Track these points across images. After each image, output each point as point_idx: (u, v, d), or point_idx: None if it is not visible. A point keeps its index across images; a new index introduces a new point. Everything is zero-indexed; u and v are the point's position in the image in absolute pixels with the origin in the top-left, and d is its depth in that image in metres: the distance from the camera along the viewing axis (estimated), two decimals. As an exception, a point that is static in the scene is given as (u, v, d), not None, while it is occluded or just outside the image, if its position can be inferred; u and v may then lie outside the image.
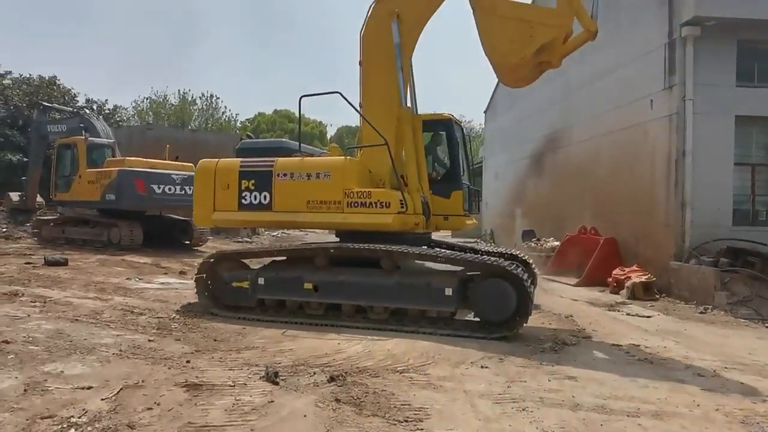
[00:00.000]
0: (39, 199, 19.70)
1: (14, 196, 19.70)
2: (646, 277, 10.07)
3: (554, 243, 13.93)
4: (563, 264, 12.71)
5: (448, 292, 6.54)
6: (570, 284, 11.39)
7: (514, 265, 6.65)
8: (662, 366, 5.52)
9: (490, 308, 6.53)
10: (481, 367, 5.26)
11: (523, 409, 4.14)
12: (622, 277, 10.35)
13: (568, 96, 15.53)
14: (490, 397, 4.39)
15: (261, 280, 7.37)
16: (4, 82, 28.67)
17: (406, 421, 3.85)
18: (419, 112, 8.18)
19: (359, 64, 8.03)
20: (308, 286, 7.13)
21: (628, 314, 8.42)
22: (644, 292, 9.75)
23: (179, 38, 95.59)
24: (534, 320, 7.63)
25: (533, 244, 14.69)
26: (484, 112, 25.24)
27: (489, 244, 22.19)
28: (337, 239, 8.01)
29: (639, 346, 6.34)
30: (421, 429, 3.73)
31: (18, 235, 17.72)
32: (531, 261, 8.57)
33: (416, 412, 4.02)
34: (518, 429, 3.79)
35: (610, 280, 10.68)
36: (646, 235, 11.17)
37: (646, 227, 11.20)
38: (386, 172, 7.63)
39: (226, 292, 7.57)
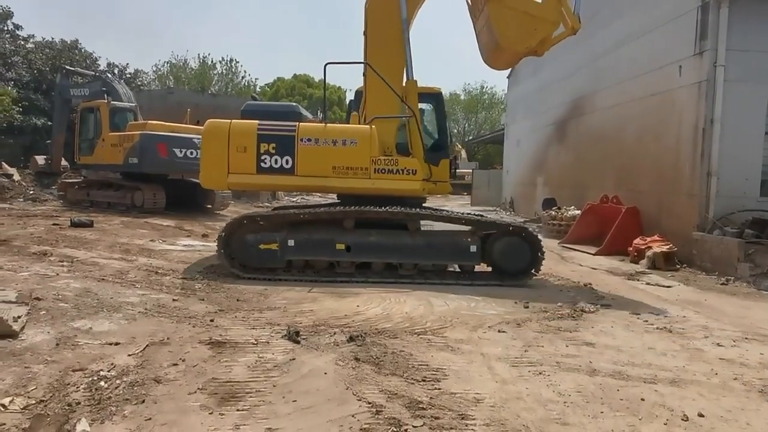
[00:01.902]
0: (63, 162, 20.01)
1: (40, 159, 20.03)
2: (668, 247, 9.96)
3: (575, 212, 13.81)
4: (583, 233, 12.63)
5: (473, 248, 7.64)
6: (590, 253, 11.33)
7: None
8: (681, 335, 5.51)
9: (508, 262, 7.66)
10: (499, 331, 5.31)
11: (540, 373, 4.19)
12: (643, 247, 10.26)
13: (593, 62, 15.14)
14: (507, 361, 4.45)
15: (291, 242, 7.53)
16: (27, 46, 28.84)
17: (424, 380, 3.93)
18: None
19: (363, 34, 8.32)
20: (340, 246, 7.56)
21: (648, 284, 8.37)
22: (665, 262, 9.66)
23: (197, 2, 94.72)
24: (552, 287, 7.66)
25: (554, 213, 14.57)
26: (507, 77, 24.77)
27: (508, 213, 22.14)
28: (339, 201, 8.59)
29: (658, 315, 6.33)
30: (439, 388, 3.80)
31: (44, 197, 18.11)
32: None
33: (434, 373, 4.09)
34: (535, 392, 3.84)
35: (631, 249, 10.59)
36: (669, 204, 11.00)
37: (669, 197, 11.02)
38: (392, 142, 8.22)
39: (252, 255, 7.59)
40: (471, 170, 34.27)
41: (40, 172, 19.94)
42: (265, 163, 7.80)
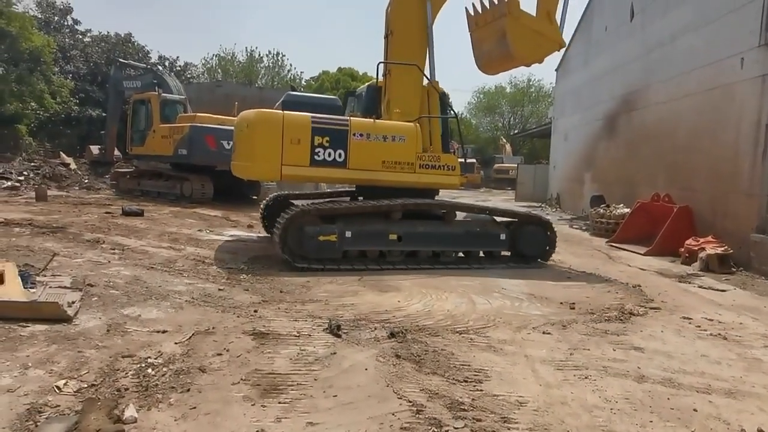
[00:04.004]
0: (117, 152, 20.75)
1: (94, 149, 20.86)
2: (723, 248, 9.52)
3: (624, 210, 13.37)
4: (633, 232, 12.22)
5: (503, 236, 8.67)
6: (639, 253, 10.95)
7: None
8: (737, 343, 5.25)
9: (529, 246, 8.83)
10: (543, 332, 5.19)
11: (586, 377, 4.07)
12: (696, 248, 9.84)
13: (647, 54, 14.57)
14: (551, 363, 4.34)
15: (348, 233, 7.75)
16: (84, 40, 29.98)
17: (466, 381, 3.88)
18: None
19: (385, 38, 8.97)
20: (393, 236, 8.05)
21: (700, 287, 8.02)
22: (719, 265, 9.23)
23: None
24: (599, 288, 7.45)
25: (602, 210, 14.16)
26: (555, 70, 24.15)
27: (554, 210, 21.65)
28: (356, 193, 9.41)
29: (712, 320, 6.05)
30: (481, 390, 3.74)
31: (98, 186, 18.83)
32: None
33: (476, 373, 4.03)
34: (580, 396, 3.73)
35: (683, 250, 10.18)
36: (725, 204, 10.50)
37: (725, 196, 10.52)
38: (428, 139, 8.90)
39: (312, 246, 7.64)
40: (516, 165, 33.67)
41: (94, 162, 20.77)
42: (319, 156, 7.96)
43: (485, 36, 8.92)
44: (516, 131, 54.72)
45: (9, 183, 16.71)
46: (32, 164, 19.01)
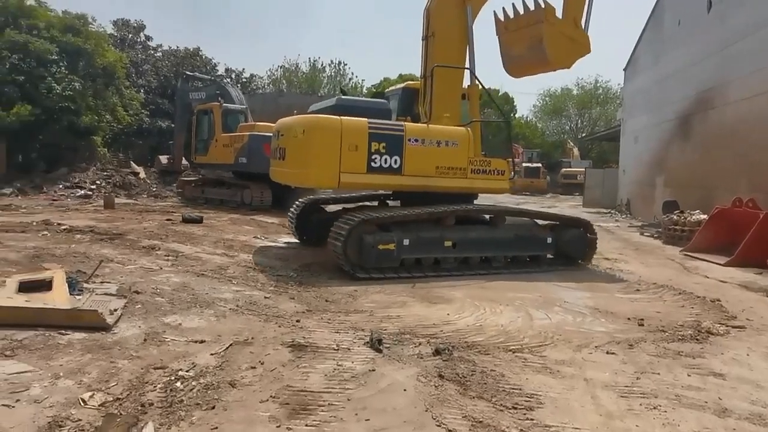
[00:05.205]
0: (184, 161, 21.49)
1: (163, 158, 21.71)
2: (819, 259, 8.51)
3: (701, 216, 12.33)
4: (710, 240, 11.21)
5: (549, 240, 8.76)
6: (718, 263, 10.00)
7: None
8: (841, 370, 4.53)
9: (572, 248, 8.93)
10: (607, 352, 4.66)
11: (655, 407, 3.56)
12: (787, 259, 8.86)
13: (726, 47, 13.48)
14: (614, 389, 3.85)
15: (406, 242, 7.59)
16: (156, 54, 31.42)
17: (515, 408, 3.47)
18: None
19: (423, 39, 8.91)
20: (448, 243, 7.94)
21: (793, 302, 7.14)
22: (815, 278, 8.25)
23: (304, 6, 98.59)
24: (672, 303, 6.77)
25: (675, 217, 13.14)
26: (624, 69, 22.96)
27: (624, 216, 20.48)
28: (392, 198, 9.34)
29: (808, 342, 5.29)
30: (531, 419, 3.33)
31: (165, 194, 19.53)
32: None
33: (527, 399, 3.61)
34: (647, 431, 3.24)
35: (771, 261, 9.20)
36: (822, 210, 9.42)
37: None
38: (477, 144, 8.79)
39: (371, 255, 7.39)
40: (583, 169, 32.29)
41: (163, 171, 21.61)
42: (375, 163, 7.80)
43: (516, 40, 9.05)
44: (584, 134, 52.87)
45: (82, 192, 17.58)
46: (105, 173, 19.96)
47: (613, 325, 5.59)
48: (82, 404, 3.32)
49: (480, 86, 8.95)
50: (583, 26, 8.76)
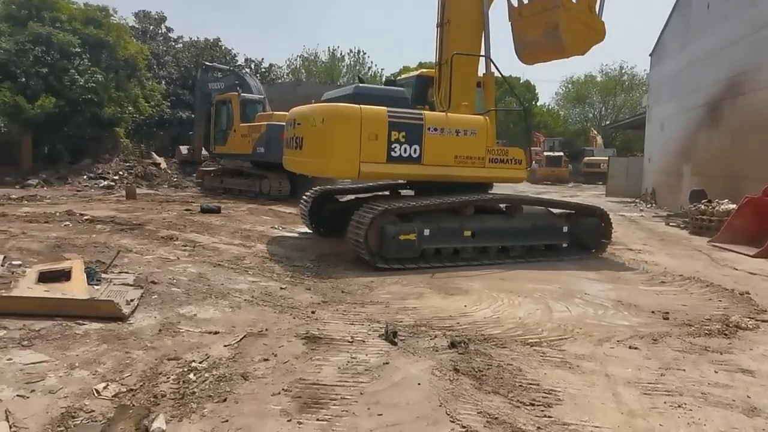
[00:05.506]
0: (204, 152, 21.61)
1: (183, 149, 21.85)
2: None
3: (729, 206, 11.97)
4: (739, 231, 10.87)
5: (565, 229, 8.76)
6: (748, 255, 9.69)
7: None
8: None
9: (588, 237, 8.95)
10: (630, 347, 4.51)
11: (680, 406, 3.42)
12: (820, 250, 8.53)
13: (756, 31, 13.00)
14: (637, 386, 3.71)
15: (426, 232, 7.53)
16: (176, 46, 31.57)
17: (532, 404, 3.36)
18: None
19: (437, 26, 8.85)
20: (467, 233, 7.91)
21: (826, 295, 6.86)
22: None
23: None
24: (699, 295, 6.56)
25: (703, 207, 12.79)
26: (650, 55, 22.37)
27: (649, 206, 20.05)
28: (407, 188, 9.20)
29: (843, 337, 5.07)
30: (549, 416, 3.22)
31: (185, 184, 19.69)
32: None
33: (545, 395, 3.51)
34: (671, 431, 3.11)
35: (803, 252, 8.88)
36: None
37: None
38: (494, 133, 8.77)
39: (393, 246, 7.31)
40: (607, 158, 31.67)
41: (183, 161, 21.76)
42: (395, 152, 7.70)
43: (530, 26, 8.85)
44: (607, 122, 51.88)
45: (105, 182, 17.80)
46: (127, 164, 20.19)
47: (636, 318, 5.42)
48: (95, 395, 3.32)
49: (498, 74, 8.83)
50: (597, 12, 8.64)
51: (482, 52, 8.71)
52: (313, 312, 5.21)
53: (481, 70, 8.83)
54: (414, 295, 6.03)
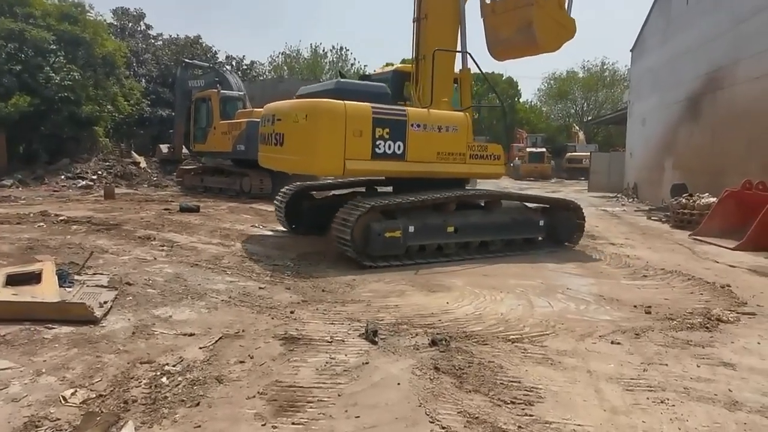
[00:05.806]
0: (185, 150, 21.31)
1: (163, 147, 21.53)
2: (832, 242, 8.27)
3: (710, 199, 12.08)
4: (720, 224, 10.97)
5: (541, 222, 8.94)
6: (728, 248, 9.78)
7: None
8: None
9: (562, 230, 9.16)
10: (612, 342, 4.48)
11: (662, 401, 3.38)
12: (798, 242, 8.62)
13: (734, 26, 13.12)
14: (619, 382, 3.67)
15: (411, 228, 7.49)
16: (156, 43, 31.14)
17: (513, 402, 3.30)
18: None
19: (414, 21, 8.80)
20: (450, 229, 7.92)
21: (805, 287, 6.92)
22: (827, 261, 8.02)
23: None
24: (681, 289, 6.57)
25: (684, 200, 12.89)
26: (631, 50, 22.53)
27: (631, 200, 20.20)
28: (384, 185, 9.21)
29: (822, 329, 5.09)
30: (531, 415, 3.16)
31: (165, 183, 19.38)
32: None
33: (526, 393, 3.44)
34: (655, 427, 3.07)
35: (782, 244, 8.96)
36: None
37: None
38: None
39: (378, 243, 7.20)
40: (589, 153, 31.89)
41: (164, 160, 21.44)
42: (380, 149, 7.62)
43: (503, 23, 8.91)
44: (590, 118, 52.28)
45: (83, 182, 17.46)
46: (106, 164, 19.83)
47: (618, 313, 5.40)
48: (62, 402, 3.19)
49: (478, 70, 8.84)
50: (566, 9, 8.75)
51: (458, 48, 8.69)
52: (292, 312, 5.10)
53: (458, 66, 8.81)
54: (396, 293, 5.95)
